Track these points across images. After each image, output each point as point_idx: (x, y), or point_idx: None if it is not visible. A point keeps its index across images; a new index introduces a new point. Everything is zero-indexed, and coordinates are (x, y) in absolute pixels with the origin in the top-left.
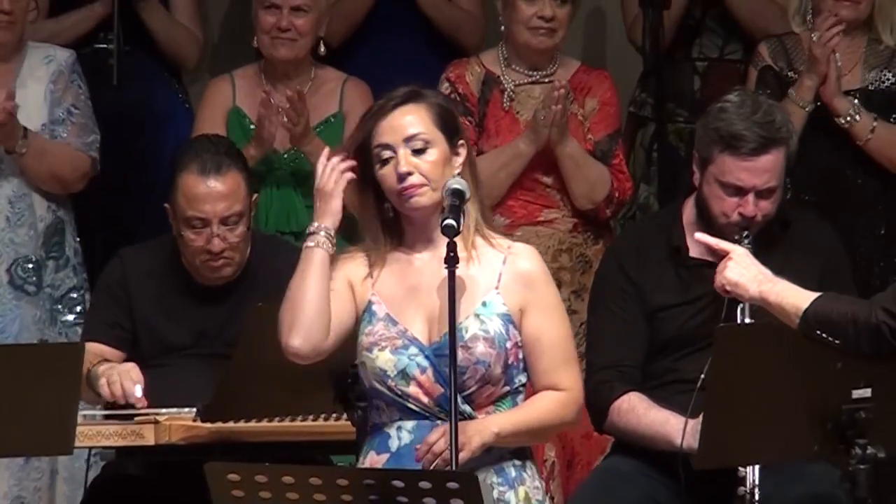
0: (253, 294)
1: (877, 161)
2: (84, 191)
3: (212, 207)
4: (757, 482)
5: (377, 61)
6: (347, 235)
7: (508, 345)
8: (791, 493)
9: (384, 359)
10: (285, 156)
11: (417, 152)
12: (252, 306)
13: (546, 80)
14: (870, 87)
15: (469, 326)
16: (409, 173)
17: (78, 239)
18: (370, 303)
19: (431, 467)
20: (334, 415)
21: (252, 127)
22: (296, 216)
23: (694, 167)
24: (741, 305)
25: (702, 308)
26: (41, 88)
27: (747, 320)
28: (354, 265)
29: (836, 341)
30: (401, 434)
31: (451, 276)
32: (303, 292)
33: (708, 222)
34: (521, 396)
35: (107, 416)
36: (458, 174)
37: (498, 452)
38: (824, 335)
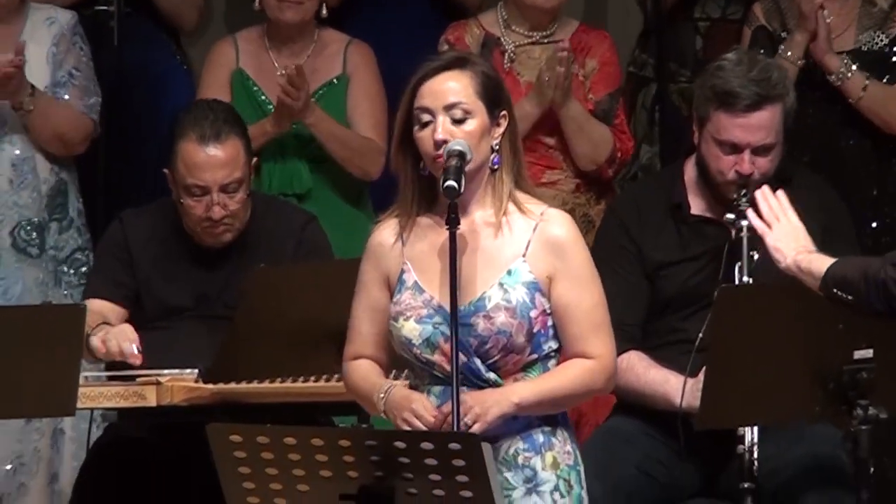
0: (254, 256)
1: (868, 120)
2: (86, 152)
3: (211, 175)
4: (756, 441)
5: (379, 24)
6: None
7: (533, 313)
8: (792, 453)
9: (409, 328)
10: None
11: (457, 122)
12: (253, 268)
13: (546, 40)
14: (862, 49)
15: (492, 296)
16: (445, 141)
17: (81, 199)
18: (402, 272)
19: None
20: (336, 376)
21: (255, 89)
22: (299, 179)
23: (694, 126)
24: (739, 263)
25: (703, 266)
26: (43, 51)
27: (745, 279)
28: (384, 251)
29: (851, 298)
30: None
31: (452, 237)
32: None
33: (708, 181)
34: (552, 362)
35: (109, 378)
36: (497, 144)
37: (525, 420)
38: (841, 293)
